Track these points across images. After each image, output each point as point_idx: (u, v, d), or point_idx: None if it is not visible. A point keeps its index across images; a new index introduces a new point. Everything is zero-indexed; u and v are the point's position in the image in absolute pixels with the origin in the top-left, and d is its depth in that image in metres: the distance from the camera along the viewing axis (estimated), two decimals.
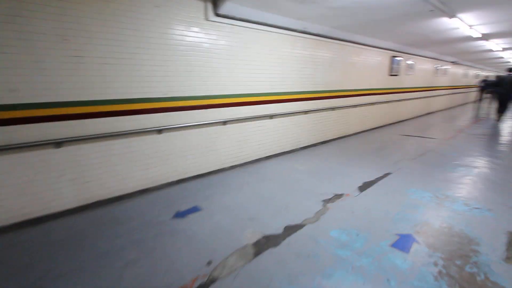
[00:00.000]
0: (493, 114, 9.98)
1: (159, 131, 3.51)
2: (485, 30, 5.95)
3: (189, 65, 3.64)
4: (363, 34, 6.22)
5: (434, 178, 3.77)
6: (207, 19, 3.65)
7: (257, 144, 4.80)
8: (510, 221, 2.52)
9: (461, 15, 4.52)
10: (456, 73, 14.22)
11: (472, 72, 17.08)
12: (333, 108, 6.33)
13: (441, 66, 12.14)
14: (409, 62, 9.20)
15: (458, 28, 5.46)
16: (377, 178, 3.76)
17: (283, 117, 5.15)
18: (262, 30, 4.42)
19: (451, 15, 4.37)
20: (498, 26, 5.63)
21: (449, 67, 12.89)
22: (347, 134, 7.14)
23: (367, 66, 7.24)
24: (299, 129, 5.59)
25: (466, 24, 5.13)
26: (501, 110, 8.98)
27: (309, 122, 5.80)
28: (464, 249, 2.07)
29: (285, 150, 5.38)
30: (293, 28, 4.80)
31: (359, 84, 7.11)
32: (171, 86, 3.53)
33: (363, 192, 3.26)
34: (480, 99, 11.96)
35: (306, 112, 5.56)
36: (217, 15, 3.65)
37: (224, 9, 3.62)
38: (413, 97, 10.13)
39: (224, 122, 4.21)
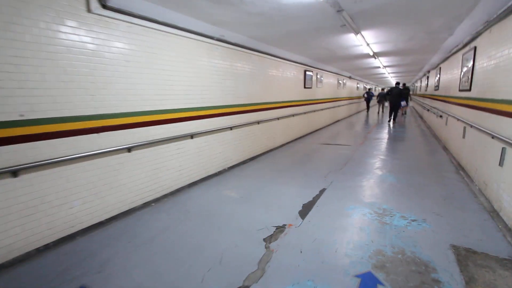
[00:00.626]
0: (385, 119, 11.91)
1: (14, 173, 2.26)
2: (377, 49, 6.85)
3: (65, 72, 2.55)
4: (280, 47, 6.22)
5: (365, 189, 3.78)
6: (90, 11, 2.65)
7: (176, 171, 3.92)
8: (445, 230, 2.54)
9: (364, 32, 4.92)
10: (352, 86, 16.69)
11: (362, 85, 20.54)
12: (258, 122, 6.03)
13: (342, 80, 13.95)
14: (319, 76, 10.04)
15: (360, 45, 6.06)
16: (314, 197, 3.50)
17: (207, 135, 4.45)
18: (173, 34, 3.66)
19: (357, 31, 4.68)
20: (385, 46, 6.54)
21: (346, 81, 14.96)
22: (274, 147, 6.98)
23: (285, 79, 7.35)
24: (225, 147, 4.99)
25: (366, 41, 5.70)
26: (393, 115, 11.62)
27: (235, 138, 5.27)
28: (427, 281, 1.84)
29: (211, 173, 4.66)
30: (209, 34, 4.23)
31: (280, 96, 7.12)
32: (33, 102, 2.35)
33: (306, 219, 2.88)
34: (367, 108, 15.78)
35: (231, 128, 5.02)
36: (105, 7, 2.71)
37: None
38: (324, 107, 11.10)
39: (129, 149, 3.19)
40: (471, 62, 4.56)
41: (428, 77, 12.33)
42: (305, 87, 8.76)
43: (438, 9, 3.69)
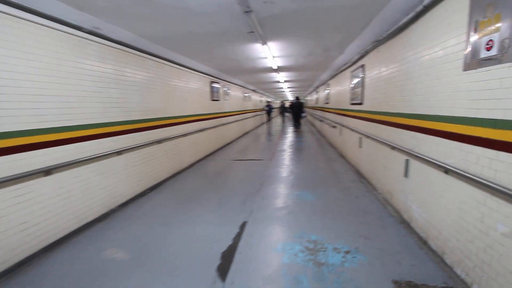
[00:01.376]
0: (286, 129, 12.72)
1: None
2: (280, 62, 7.02)
3: None
4: (184, 54, 5.38)
5: (288, 216, 3.40)
6: None
7: (19, 231, 2.43)
8: (380, 260, 2.33)
9: (271, 44, 4.74)
10: (256, 99, 17.41)
11: (265, 98, 21.92)
12: (159, 141, 4.92)
13: (248, 93, 14.22)
14: (226, 88, 9.68)
15: (266, 58, 5.97)
16: (235, 237, 2.81)
17: (77, 166, 3.08)
18: (7, 14, 2.28)
19: (264, 41, 4.43)
20: (288, 61, 6.76)
21: (251, 94, 15.43)
22: (182, 169, 5.96)
23: (191, 91, 6.52)
24: (113, 179, 3.68)
25: (271, 54, 5.63)
26: (296, 125, 14.05)
27: (128, 166, 4.02)
28: None
29: (91, 219, 3.27)
30: (76, 23, 2.98)
31: (186, 110, 6.22)
32: None
33: (228, 280, 2.14)
34: (268, 120, 17.02)
35: (119, 152, 3.77)
36: None
37: None
38: (233, 120, 10.82)
39: None
40: (360, 78, 5.08)
41: (318, 92, 14.16)
42: (212, 100, 8.15)
43: (337, 25, 3.80)
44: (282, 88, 16.64)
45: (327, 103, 10.42)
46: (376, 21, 3.53)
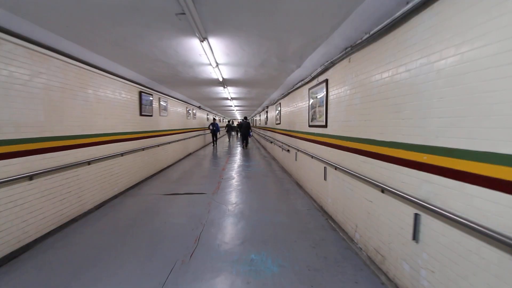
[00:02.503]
0: (234, 150, 11.46)
1: None
2: (226, 74, 5.86)
3: None
4: (86, 45, 3.72)
5: None
6: None
7: None
8: None
9: (212, 40, 3.51)
10: (202, 117, 15.89)
11: (212, 116, 20.51)
12: (31, 177, 3.07)
13: (192, 110, 12.65)
14: (163, 102, 8.03)
15: (208, 64, 4.71)
16: None
17: None
18: None
19: (203, 35, 3.18)
20: (235, 71, 5.65)
21: (196, 111, 13.90)
22: (80, 214, 4.06)
23: (104, 101, 4.77)
24: None
25: (214, 57, 4.41)
26: (244, 143, 14.86)
27: None
28: None
29: None
30: None
31: (94, 126, 4.43)
32: None
33: None
34: (214, 141, 15.42)
35: None
36: None
37: None
38: (172, 140, 9.09)
39: None
40: (323, 96, 4.22)
41: (267, 112, 13.49)
42: (142, 114, 6.43)
43: (301, 22, 2.81)
44: (231, 106, 15.57)
45: (278, 124, 9.62)
46: (354, 17, 2.63)
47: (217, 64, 4.82)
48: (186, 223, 3.76)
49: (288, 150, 7.43)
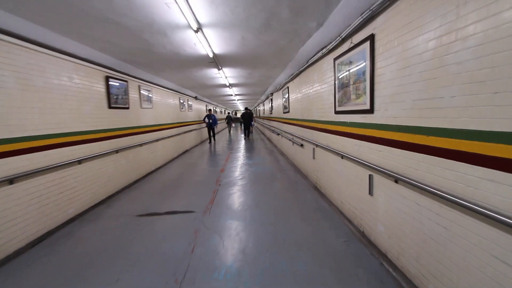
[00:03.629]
0: (236, 146, 9.99)
1: None
2: (216, 46, 4.32)
3: None
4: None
5: None
6: None
7: None
8: None
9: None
10: (201, 108, 14.36)
11: (212, 107, 18.94)
12: None
13: (186, 101, 11.13)
14: (144, 91, 6.53)
15: (186, 26, 3.17)
16: None
17: None
18: None
19: None
20: (226, 43, 4.11)
21: (193, 102, 12.36)
22: (5, 255, 2.66)
23: (45, 90, 3.30)
24: None
25: (194, 16, 2.87)
26: (247, 133, 14.59)
27: None
28: None
29: None
30: None
31: (23, 126, 2.99)
32: None
33: None
34: (210, 138, 13.09)
35: None
36: None
37: None
38: (161, 137, 7.64)
39: None
40: (362, 66, 2.66)
41: (272, 99, 11.89)
42: (111, 107, 4.95)
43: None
44: (231, 95, 13.98)
45: (286, 112, 8.06)
46: None
47: (200, 26, 3.28)
48: (153, 280, 2.32)
49: (301, 145, 5.91)
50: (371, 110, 2.63)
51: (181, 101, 10.34)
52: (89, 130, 4.26)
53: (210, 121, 12.38)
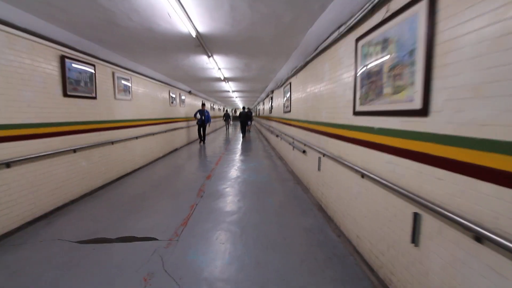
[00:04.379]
0: (231, 147, 9.01)
1: None
2: (199, 22, 3.31)
3: None
4: None
5: None
6: None
7: None
8: None
9: None
10: (194, 104, 13.32)
11: (208, 105, 17.93)
12: None
13: (178, 95, 10.13)
14: (122, 80, 5.53)
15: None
16: None
17: None
18: None
19: None
20: (212, 17, 3.10)
21: (186, 96, 11.34)
22: None
23: None
24: None
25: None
26: (244, 132, 14.40)
27: None
28: None
29: None
30: None
31: None
32: None
33: None
34: (201, 138, 11.23)
35: None
36: None
37: None
38: (142, 133, 6.65)
39: None
40: (411, 41, 1.66)
41: (272, 98, 10.89)
42: (68, 95, 3.95)
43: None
44: (228, 91, 12.97)
45: (287, 111, 7.07)
46: None
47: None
48: None
49: (303, 151, 4.92)
50: (423, 111, 1.63)
51: (172, 94, 9.33)
52: (29, 123, 3.26)
53: (203, 117, 10.71)
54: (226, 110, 30.08)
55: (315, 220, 3.37)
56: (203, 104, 11.00)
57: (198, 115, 10.71)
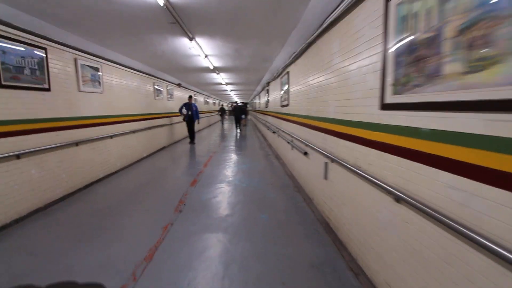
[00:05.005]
0: (225, 144, 8.20)
1: None
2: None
3: None
4: None
5: None
6: None
7: None
8: None
9: None
10: (184, 98, 12.36)
11: (201, 99, 16.97)
12: None
13: (165, 88, 9.22)
14: (88, 69, 4.63)
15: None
16: None
17: None
18: None
19: None
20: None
21: (174, 90, 10.42)
22: None
23: None
24: None
25: None
26: (238, 125, 14.75)
27: None
28: None
29: None
30: None
31: None
32: None
33: None
34: (191, 137, 9.60)
35: None
36: None
37: None
38: (121, 131, 5.80)
39: None
40: None
41: (268, 90, 10.02)
42: (3, 85, 3.08)
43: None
44: (221, 84, 12.05)
45: (284, 105, 6.23)
46: None
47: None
48: None
49: (305, 153, 4.11)
50: None
51: (158, 87, 8.43)
52: None
53: (189, 112, 9.04)
54: (222, 105, 29.70)
55: (323, 248, 2.57)
56: (190, 97, 9.21)
57: (184, 110, 9.01)
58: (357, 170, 2.17)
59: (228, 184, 4.66)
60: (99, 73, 5.02)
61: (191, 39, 4.25)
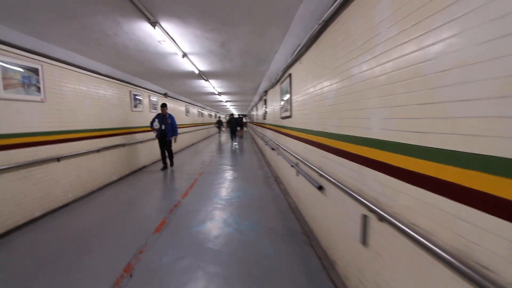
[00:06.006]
0: (220, 162, 6.82)
1: None
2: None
3: None
4: None
5: None
6: None
7: None
8: None
9: None
10: (174, 109, 11.11)
11: (195, 110, 15.74)
12: None
13: (147, 98, 7.96)
14: (24, 71, 3.34)
15: None
16: None
17: None
18: None
19: None
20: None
21: (158, 100, 9.15)
22: None
23: None
24: None
25: None
26: (233, 137, 14.69)
27: None
28: None
29: None
30: None
31: None
32: None
33: None
34: (163, 158, 7.09)
35: None
36: None
37: None
38: (74, 151, 4.47)
39: None
40: None
41: (266, 100, 8.76)
42: None
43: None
44: (214, 94, 10.82)
45: (285, 116, 4.92)
46: None
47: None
48: None
49: (320, 188, 2.74)
50: None
51: (136, 96, 7.16)
52: None
53: (163, 127, 6.69)
54: (219, 117, 29.23)
55: None
56: (164, 106, 6.75)
57: (157, 124, 6.70)
58: (448, 258, 0.82)
59: (208, 230, 3.27)
60: (36, 76, 3.72)
61: (153, 24, 2.97)
